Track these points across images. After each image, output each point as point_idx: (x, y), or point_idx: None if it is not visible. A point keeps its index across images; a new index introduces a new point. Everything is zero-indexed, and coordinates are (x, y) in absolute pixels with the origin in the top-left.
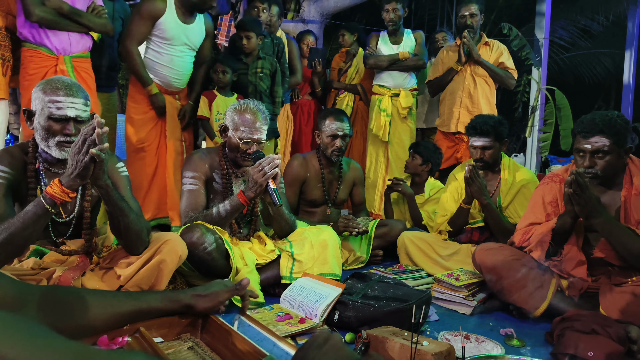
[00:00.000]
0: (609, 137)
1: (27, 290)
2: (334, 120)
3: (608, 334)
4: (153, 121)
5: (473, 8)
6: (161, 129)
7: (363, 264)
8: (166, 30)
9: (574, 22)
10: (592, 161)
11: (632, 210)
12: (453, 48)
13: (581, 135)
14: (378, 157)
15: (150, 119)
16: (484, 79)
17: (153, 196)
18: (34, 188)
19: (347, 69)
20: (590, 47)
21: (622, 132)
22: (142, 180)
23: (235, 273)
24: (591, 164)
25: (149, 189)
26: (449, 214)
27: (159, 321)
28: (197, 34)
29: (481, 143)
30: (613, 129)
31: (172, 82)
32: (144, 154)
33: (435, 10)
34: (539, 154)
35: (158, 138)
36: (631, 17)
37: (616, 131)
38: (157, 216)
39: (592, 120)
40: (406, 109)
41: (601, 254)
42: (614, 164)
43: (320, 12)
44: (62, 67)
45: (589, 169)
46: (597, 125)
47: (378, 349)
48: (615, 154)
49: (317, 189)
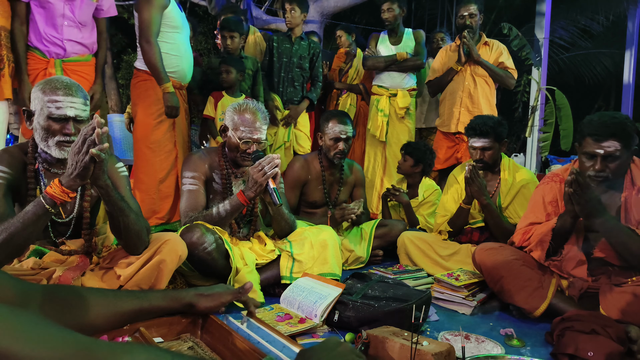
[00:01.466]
0: (620, 141)
1: (28, 289)
2: (337, 123)
3: (608, 334)
4: (167, 122)
5: (472, 8)
6: (173, 129)
7: (363, 264)
8: (174, 18)
9: (574, 22)
10: (604, 165)
11: (633, 210)
12: (453, 48)
13: (593, 138)
14: (376, 157)
15: (165, 119)
16: (484, 79)
17: (167, 199)
18: (33, 188)
19: (348, 69)
20: (590, 47)
21: (632, 135)
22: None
23: (235, 273)
24: (602, 168)
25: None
26: (449, 214)
27: (159, 321)
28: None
29: (481, 144)
30: (624, 132)
31: (187, 73)
32: (159, 155)
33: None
34: (539, 154)
35: (172, 139)
36: (631, 17)
37: (627, 134)
38: (173, 220)
39: (604, 123)
40: (403, 109)
41: (601, 253)
42: (624, 166)
43: (320, 12)
44: (51, 71)
45: (600, 172)
46: (609, 129)
47: (378, 349)
48: (624, 156)
49: (317, 191)
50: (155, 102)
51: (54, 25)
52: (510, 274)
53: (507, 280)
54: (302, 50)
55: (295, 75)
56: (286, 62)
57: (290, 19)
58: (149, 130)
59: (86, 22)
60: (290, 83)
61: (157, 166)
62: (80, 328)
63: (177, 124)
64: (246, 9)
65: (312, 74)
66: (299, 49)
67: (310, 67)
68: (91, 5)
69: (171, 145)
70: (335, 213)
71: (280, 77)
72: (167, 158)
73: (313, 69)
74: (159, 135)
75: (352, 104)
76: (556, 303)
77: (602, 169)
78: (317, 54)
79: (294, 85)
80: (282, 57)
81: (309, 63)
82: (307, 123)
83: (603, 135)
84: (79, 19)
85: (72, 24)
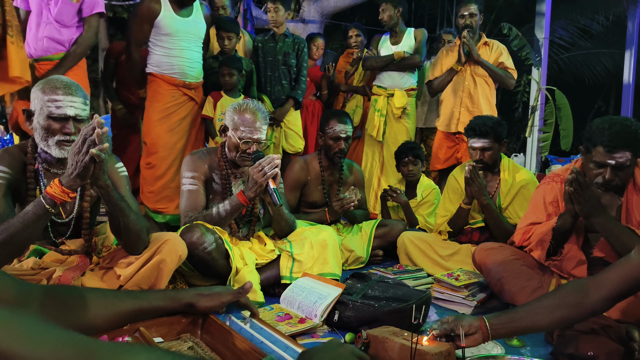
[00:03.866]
0: (632, 151)
1: (28, 290)
2: (338, 123)
3: (608, 334)
4: (170, 121)
5: (472, 8)
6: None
7: (363, 264)
8: (167, 26)
9: (574, 22)
10: (613, 175)
11: (634, 211)
12: (452, 48)
13: (605, 149)
14: (374, 156)
15: (168, 118)
16: (484, 79)
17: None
18: (33, 189)
19: (354, 71)
20: (590, 47)
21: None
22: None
23: (235, 273)
24: (612, 178)
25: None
26: (449, 215)
27: (159, 321)
28: (197, 25)
29: (480, 144)
30: (637, 143)
31: (188, 72)
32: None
33: (435, 10)
34: (539, 154)
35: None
36: (631, 17)
37: (639, 144)
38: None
39: (617, 134)
40: (400, 109)
41: (601, 253)
42: (631, 173)
43: (320, 12)
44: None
45: (609, 182)
46: (623, 140)
47: (378, 349)
48: (633, 164)
49: (317, 191)
50: (159, 99)
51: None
52: (510, 274)
53: (507, 280)
54: (286, 47)
55: (282, 73)
56: (271, 61)
57: (275, 18)
58: (151, 126)
59: (65, 22)
60: (278, 81)
61: (156, 163)
62: (80, 328)
63: (182, 124)
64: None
65: (296, 69)
66: (283, 46)
67: (296, 63)
68: (72, 5)
69: (172, 144)
70: (334, 205)
71: (267, 76)
72: (166, 157)
73: (298, 63)
74: (160, 132)
75: (359, 106)
76: None
77: (611, 179)
78: (302, 49)
79: (281, 84)
80: (267, 56)
81: (295, 59)
82: (297, 122)
83: (617, 146)
84: (57, 18)
85: (50, 23)
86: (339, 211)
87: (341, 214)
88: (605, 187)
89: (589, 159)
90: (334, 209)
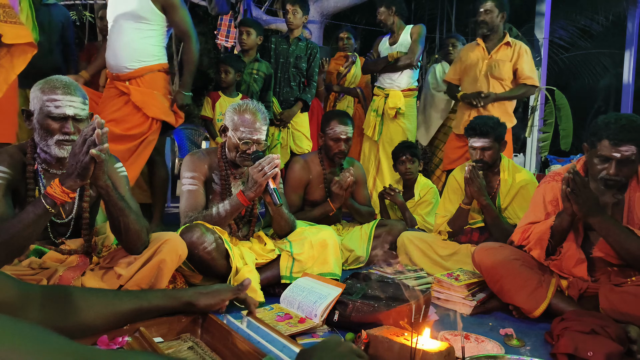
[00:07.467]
0: (637, 145)
1: (28, 290)
2: (338, 124)
3: (608, 334)
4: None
5: (489, 5)
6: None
7: (363, 264)
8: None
9: (573, 22)
10: (618, 169)
11: (637, 210)
12: (473, 46)
13: (611, 142)
14: (370, 156)
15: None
16: (500, 82)
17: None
18: (32, 189)
19: (346, 73)
20: (590, 47)
21: None
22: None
23: (235, 273)
24: (616, 172)
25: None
26: (448, 215)
27: (159, 321)
28: (132, 2)
29: (481, 144)
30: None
31: (111, 62)
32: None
33: (435, 10)
34: (539, 154)
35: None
36: (631, 17)
37: None
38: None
39: (623, 127)
40: (393, 110)
41: (600, 253)
42: (635, 169)
43: (320, 12)
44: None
45: (613, 177)
46: (629, 133)
47: (378, 349)
48: (638, 160)
49: (319, 190)
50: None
51: None
52: (509, 273)
53: (507, 280)
54: (299, 51)
55: (292, 76)
56: (283, 63)
57: (292, 20)
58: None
59: None
60: (287, 83)
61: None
62: (80, 328)
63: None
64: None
65: (307, 73)
66: (295, 49)
67: (307, 67)
68: None
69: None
70: (333, 189)
71: (277, 77)
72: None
73: (309, 68)
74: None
75: (350, 106)
76: (556, 303)
77: (616, 173)
78: (314, 54)
79: (290, 85)
80: (279, 57)
81: (306, 63)
82: (305, 123)
83: (623, 139)
84: None
85: None
86: (339, 192)
87: (344, 198)
88: (608, 182)
89: (594, 154)
90: (335, 194)
